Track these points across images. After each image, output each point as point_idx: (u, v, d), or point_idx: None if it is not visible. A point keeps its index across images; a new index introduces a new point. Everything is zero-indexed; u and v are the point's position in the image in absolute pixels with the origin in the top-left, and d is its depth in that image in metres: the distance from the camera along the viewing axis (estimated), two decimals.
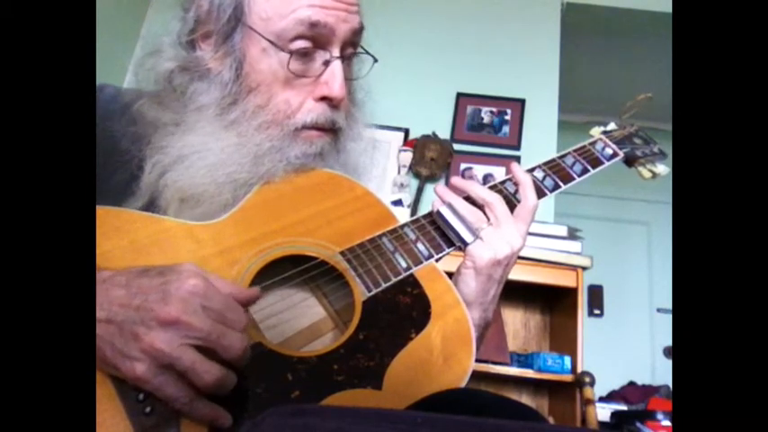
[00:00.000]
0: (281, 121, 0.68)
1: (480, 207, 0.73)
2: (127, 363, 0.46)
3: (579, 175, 0.81)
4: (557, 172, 0.80)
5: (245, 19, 0.67)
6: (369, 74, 0.78)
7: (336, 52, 0.69)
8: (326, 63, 0.69)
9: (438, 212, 0.72)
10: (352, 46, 0.72)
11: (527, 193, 0.73)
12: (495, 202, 0.72)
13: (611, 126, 0.90)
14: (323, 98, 0.69)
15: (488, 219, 0.71)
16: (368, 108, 0.78)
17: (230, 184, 0.66)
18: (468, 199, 0.74)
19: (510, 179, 0.78)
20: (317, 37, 0.67)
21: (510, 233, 0.70)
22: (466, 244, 0.70)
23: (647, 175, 0.91)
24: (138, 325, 0.46)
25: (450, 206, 0.72)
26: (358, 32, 0.71)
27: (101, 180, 0.62)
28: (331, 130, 0.71)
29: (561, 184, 0.79)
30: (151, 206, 0.65)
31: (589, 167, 0.82)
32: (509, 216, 0.71)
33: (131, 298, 0.47)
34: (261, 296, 0.54)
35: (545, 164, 0.81)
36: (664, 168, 0.91)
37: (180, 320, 0.46)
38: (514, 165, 0.78)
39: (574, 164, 0.82)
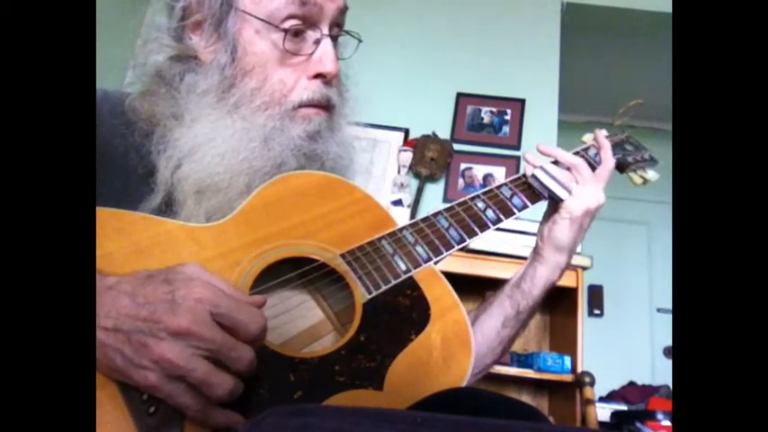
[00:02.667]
0: (278, 100, 0.70)
1: (567, 169, 0.81)
2: (139, 371, 0.46)
3: None
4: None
5: (237, 3, 0.69)
6: (368, 71, 0.81)
7: (326, 30, 0.71)
8: (317, 42, 0.71)
9: (533, 175, 0.80)
10: (337, 26, 0.74)
11: (607, 155, 0.84)
12: (581, 164, 0.81)
13: (604, 132, 0.91)
14: (317, 75, 0.71)
15: (576, 179, 0.80)
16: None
17: (245, 171, 0.67)
18: (555, 163, 0.83)
19: (591, 146, 0.88)
20: (307, 16, 0.70)
21: (595, 189, 0.79)
22: (561, 200, 0.78)
23: (639, 181, 0.93)
24: (147, 336, 0.45)
25: (542, 168, 0.80)
26: (344, 12, 0.74)
27: (99, 182, 0.62)
28: (326, 108, 0.73)
29: None
30: (169, 201, 0.66)
31: None
32: (592, 175, 0.81)
33: (138, 308, 0.47)
34: (265, 303, 0.53)
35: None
36: (654, 174, 0.94)
37: (190, 331, 0.45)
38: (599, 131, 0.88)
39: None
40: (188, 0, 0.71)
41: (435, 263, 0.70)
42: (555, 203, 0.80)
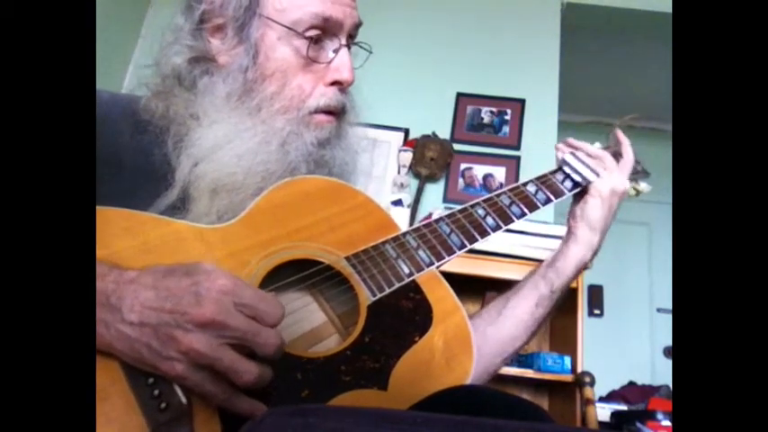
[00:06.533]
0: (296, 105, 0.72)
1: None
2: (167, 363, 0.47)
3: (570, 190, 0.86)
4: (548, 186, 0.84)
5: (261, 10, 0.71)
6: (367, 71, 0.83)
7: (344, 40, 0.74)
8: (335, 51, 0.74)
9: (564, 159, 0.86)
10: (351, 37, 0.77)
11: (628, 150, 0.90)
12: (606, 155, 0.87)
13: (597, 145, 0.93)
14: (333, 83, 0.74)
15: (602, 166, 0.86)
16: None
17: (260, 173, 0.69)
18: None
19: (611, 145, 0.93)
20: (328, 27, 0.73)
21: (620, 176, 0.85)
22: (590, 182, 0.84)
23: (632, 192, 0.97)
24: (173, 328, 0.47)
25: (573, 154, 0.86)
26: (358, 27, 0.77)
27: (109, 182, 0.63)
28: (337, 115, 0.75)
29: (552, 198, 0.84)
30: (184, 198, 0.67)
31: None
32: (616, 165, 0.87)
33: (162, 301, 0.48)
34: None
35: (537, 179, 0.85)
36: (646, 186, 0.98)
37: (215, 321, 0.46)
38: (618, 130, 0.94)
39: (564, 180, 0.86)
40: (210, 3, 0.72)
41: (437, 267, 0.71)
42: (583, 190, 0.85)
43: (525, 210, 0.81)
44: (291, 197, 0.69)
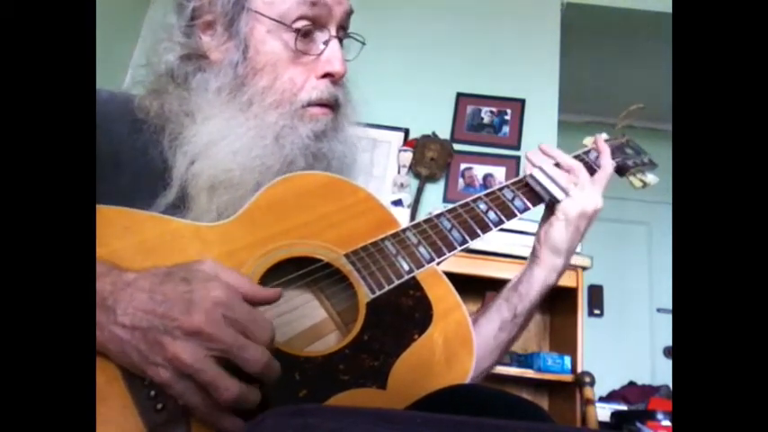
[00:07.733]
0: (288, 99, 0.72)
1: (566, 172, 0.81)
2: (153, 368, 0.47)
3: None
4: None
5: (249, 4, 0.71)
6: (368, 71, 0.82)
7: (334, 32, 0.74)
8: (326, 43, 0.73)
9: (531, 175, 0.81)
10: (343, 29, 0.76)
11: (606, 161, 0.85)
12: (579, 167, 0.81)
13: (604, 136, 0.92)
14: (325, 75, 0.73)
15: (574, 181, 0.80)
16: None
17: (257, 168, 0.69)
18: (556, 165, 0.83)
19: (591, 149, 0.89)
20: (317, 17, 0.72)
21: (593, 193, 0.79)
22: (558, 201, 0.78)
23: (638, 184, 0.94)
24: (162, 333, 0.46)
25: (541, 169, 0.81)
26: (349, 15, 0.76)
27: (107, 181, 0.63)
28: (333, 107, 0.75)
29: None
30: (183, 196, 0.67)
31: None
32: (590, 179, 0.81)
33: (155, 304, 0.48)
34: (280, 296, 0.53)
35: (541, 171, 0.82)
36: (653, 178, 0.94)
37: (203, 331, 0.46)
38: (599, 136, 0.90)
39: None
40: (200, 1, 0.72)
41: (438, 263, 0.70)
42: (552, 205, 0.80)
43: (528, 204, 0.79)
44: (290, 194, 0.68)
